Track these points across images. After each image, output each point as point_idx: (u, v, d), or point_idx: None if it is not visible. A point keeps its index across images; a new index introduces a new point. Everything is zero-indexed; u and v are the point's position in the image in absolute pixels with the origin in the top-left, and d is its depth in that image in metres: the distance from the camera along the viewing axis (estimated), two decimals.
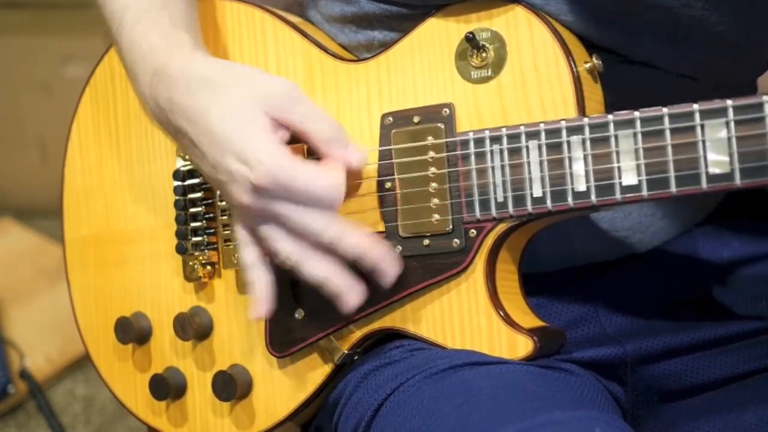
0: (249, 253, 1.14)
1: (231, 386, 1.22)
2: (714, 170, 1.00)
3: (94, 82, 1.36)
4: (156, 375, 1.28)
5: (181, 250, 1.27)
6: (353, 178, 1.16)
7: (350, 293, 1.11)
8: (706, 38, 1.13)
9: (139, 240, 1.32)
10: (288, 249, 1.11)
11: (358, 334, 1.18)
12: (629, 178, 1.03)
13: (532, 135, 1.08)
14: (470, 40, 1.11)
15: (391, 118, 1.16)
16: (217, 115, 1.10)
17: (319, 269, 1.11)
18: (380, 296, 1.15)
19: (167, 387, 1.27)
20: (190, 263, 1.26)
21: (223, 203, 1.25)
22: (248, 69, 1.14)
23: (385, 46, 1.19)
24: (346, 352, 1.19)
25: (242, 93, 1.10)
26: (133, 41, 1.18)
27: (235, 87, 1.10)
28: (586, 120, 1.05)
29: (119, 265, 1.33)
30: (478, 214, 1.11)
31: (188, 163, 1.26)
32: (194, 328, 1.25)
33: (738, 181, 0.99)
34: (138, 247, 1.32)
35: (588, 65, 1.10)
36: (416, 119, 1.14)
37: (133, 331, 1.30)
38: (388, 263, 1.11)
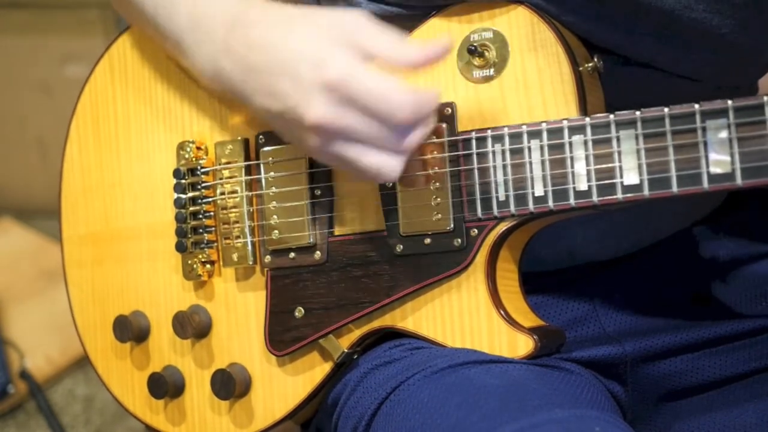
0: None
1: (230, 385, 1.22)
2: (715, 170, 1.00)
3: (93, 81, 1.36)
4: (154, 373, 1.28)
5: (180, 248, 1.26)
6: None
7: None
8: (707, 40, 1.13)
9: (138, 238, 1.32)
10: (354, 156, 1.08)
11: (358, 332, 1.18)
12: (631, 178, 1.04)
13: (534, 134, 1.08)
14: (472, 52, 1.11)
15: None
16: (296, 37, 1.09)
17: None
18: (380, 295, 1.15)
19: (165, 385, 1.27)
20: (190, 261, 1.26)
21: (223, 202, 1.25)
22: (320, 8, 1.14)
23: None
24: (346, 350, 1.19)
25: (320, 21, 1.09)
26: (197, 2, 1.18)
27: (313, 19, 1.10)
28: (588, 120, 1.06)
29: (118, 264, 1.33)
30: (479, 213, 1.11)
31: (189, 161, 1.27)
32: (193, 326, 1.25)
33: (739, 180, 0.99)
34: (137, 246, 1.32)
35: (590, 65, 1.10)
36: None
37: (131, 330, 1.29)
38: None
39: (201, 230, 1.26)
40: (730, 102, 0.99)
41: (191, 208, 1.26)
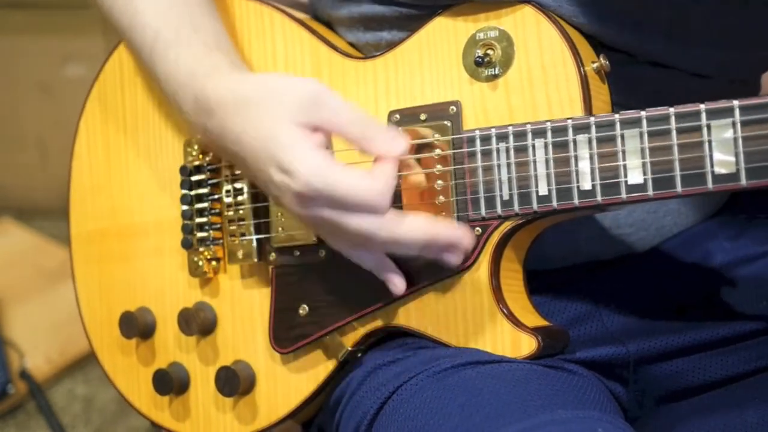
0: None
1: (234, 382, 1.22)
2: (720, 170, 1.00)
3: (102, 79, 1.36)
4: (159, 370, 1.28)
5: (186, 244, 1.27)
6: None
7: (395, 281, 1.12)
8: (715, 33, 1.13)
9: (145, 235, 1.32)
10: (342, 248, 1.11)
11: (361, 331, 1.18)
12: (635, 177, 1.03)
13: (539, 133, 1.08)
14: (479, 63, 1.12)
15: (398, 115, 1.16)
16: (253, 135, 1.09)
17: (370, 262, 1.12)
18: (384, 294, 1.15)
19: (170, 382, 1.27)
20: (195, 258, 1.26)
21: (229, 199, 1.25)
22: (275, 80, 1.12)
23: (393, 45, 1.19)
24: (349, 349, 1.19)
25: (272, 107, 1.08)
26: (169, 71, 1.18)
27: (265, 103, 1.09)
28: (592, 119, 1.05)
29: (124, 260, 1.33)
30: (483, 212, 1.11)
31: (195, 158, 1.27)
32: (198, 323, 1.25)
33: (744, 181, 0.99)
34: (143, 242, 1.32)
35: (595, 65, 1.10)
36: (423, 116, 1.14)
37: (137, 326, 1.30)
38: (455, 242, 1.09)
39: (207, 227, 1.26)
40: (735, 101, 0.99)
41: (197, 205, 1.26)
